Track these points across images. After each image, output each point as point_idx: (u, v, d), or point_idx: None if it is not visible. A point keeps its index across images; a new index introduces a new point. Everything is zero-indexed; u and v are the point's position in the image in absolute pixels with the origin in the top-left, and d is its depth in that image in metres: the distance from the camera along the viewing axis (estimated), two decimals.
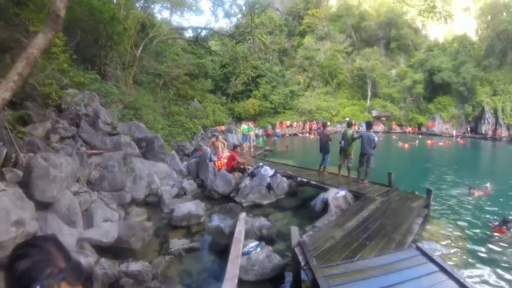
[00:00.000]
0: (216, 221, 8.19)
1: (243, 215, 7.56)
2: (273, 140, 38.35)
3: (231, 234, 6.53)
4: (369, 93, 59.44)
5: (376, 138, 11.35)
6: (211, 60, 40.10)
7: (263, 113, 49.99)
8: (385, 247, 6.00)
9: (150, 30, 22.40)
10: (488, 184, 13.52)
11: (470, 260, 7.11)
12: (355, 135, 11.80)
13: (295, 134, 47.29)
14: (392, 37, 65.51)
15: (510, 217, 9.06)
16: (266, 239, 7.00)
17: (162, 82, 25.63)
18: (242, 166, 12.84)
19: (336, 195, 9.20)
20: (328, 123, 47.40)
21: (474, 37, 63.39)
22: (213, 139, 16.88)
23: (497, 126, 47.15)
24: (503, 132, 46.06)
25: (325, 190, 9.99)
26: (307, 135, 46.57)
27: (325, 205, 8.99)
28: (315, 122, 51.50)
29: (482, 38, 60.88)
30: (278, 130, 45.93)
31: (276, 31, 29.63)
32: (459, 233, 8.69)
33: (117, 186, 9.22)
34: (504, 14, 55.15)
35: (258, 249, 5.99)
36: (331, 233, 6.55)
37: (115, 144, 11.10)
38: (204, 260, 6.63)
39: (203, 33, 32.86)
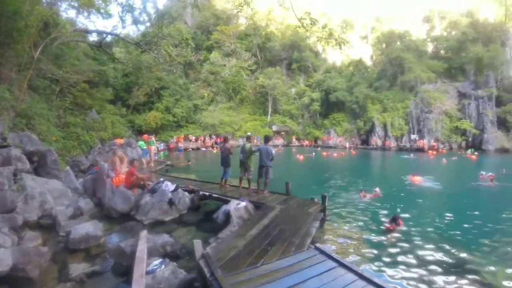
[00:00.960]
0: (117, 241, 7.76)
1: (144, 233, 7.34)
2: (176, 155, 37.66)
3: (134, 253, 6.28)
4: (270, 109, 63.08)
5: (273, 151, 12.03)
6: (114, 67, 38.42)
7: (165, 127, 49.29)
8: (286, 250, 6.37)
9: (53, 30, 20.51)
10: (377, 189, 15.08)
11: (366, 255, 7.96)
12: (254, 149, 12.30)
13: (197, 148, 46.92)
14: (294, 58, 70.82)
15: (398, 215, 10.31)
16: (170, 256, 6.88)
17: (58, 89, 23.83)
18: (142, 182, 12.32)
19: (238, 206, 9.44)
20: (230, 137, 48.69)
21: (368, 62, 72.06)
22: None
23: (386, 138, 54.03)
24: (391, 143, 53.01)
25: (227, 202, 10.18)
26: (210, 149, 46.50)
27: (227, 216, 9.13)
28: (214, 137, 52.28)
29: (376, 63, 70.42)
30: (180, 144, 44.95)
31: (182, 43, 29.30)
32: (355, 232, 9.64)
33: (7, 206, 8.33)
34: (398, 43, 63.81)
35: (163, 266, 5.88)
36: (234, 242, 6.79)
37: (5, 158, 10.17)
38: (108, 284, 6.29)
39: (108, 38, 31.39)
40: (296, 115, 63.50)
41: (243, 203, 9.70)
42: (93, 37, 32.93)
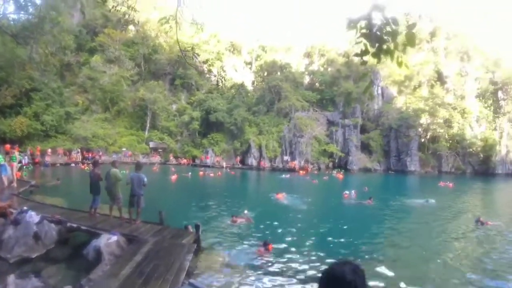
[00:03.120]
0: None
1: (11, 279, 6.76)
2: (42, 171, 34.16)
3: None
4: (148, 125, 61.37)
5: (145, 179, 11.57)
6: None
7: (32, 136, 44.52)
8: None
9: None
10: (245, 212, 15.87)
11: (241, 282, 8.52)
12: (127, 179, 11.72)
13: (66, 164, 42.92)
14: (178, 74, 70.69)
15: (268, 240, 11.17)
16: None
17: None
18: (3, 211, 10.51)
19: (108, 241, 9.07)
20: (102, 153, 47.06)
21: (250, 87, 75.78)
22: None
23: (261, 159, 58.33)
24: (266, 163, 57.59)
25: (97, 235, 9.71)
26: (80, 165, 42.78)
27: (98, 252, 8.70)
28: (77, 150, 48.53)
29: (256, 88, 75.38)
30: (47, 159, 40.70)
31: (63, 43, 27.30)
32: (228, 260, 10.07)
33: None
34: (279, 73, 69.88)
35: None
36: (108, 284, 6.58)
37: None
38: None
39: None
40: (175, 132, 63.35)
41: (114, 237, 9.35)
42: None
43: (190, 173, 39.48)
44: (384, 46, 3.06)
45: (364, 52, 3.10)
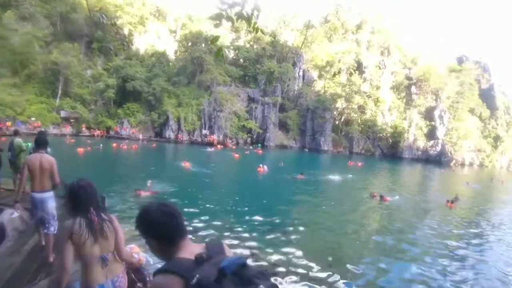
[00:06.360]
0: None
1: None
2: None
3: None
4: (60, 92, 57.35)
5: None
6: None
7: None
8: None
9: None
10: (149, 183, 16.75)
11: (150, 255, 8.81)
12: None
13: None
14: (96, 37, 67.42)
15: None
16: None
17: None
18: None
19: (12, 217, 8.48)
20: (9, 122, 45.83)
21: (172, 56, 75.18)
22: None
23: (179, 132, 60.15)
24: (183, 137, 59.65)
25: (1, 211, 8.82)
26: None
27: (2, 229, 8.15)
28: None
29: (179, 59, 74.60)
30: None
31: None
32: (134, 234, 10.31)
33: None
34: (203, 45, 69.64)
35: None
36: (11, 260, 6.44)
37: None
38: None
39: None
40: (88, 100, 59.95)
41: (17, 213, 8.61)
42: None
43: (101, 145, 38.54)
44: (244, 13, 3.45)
45: (220, 15, 3.40)
